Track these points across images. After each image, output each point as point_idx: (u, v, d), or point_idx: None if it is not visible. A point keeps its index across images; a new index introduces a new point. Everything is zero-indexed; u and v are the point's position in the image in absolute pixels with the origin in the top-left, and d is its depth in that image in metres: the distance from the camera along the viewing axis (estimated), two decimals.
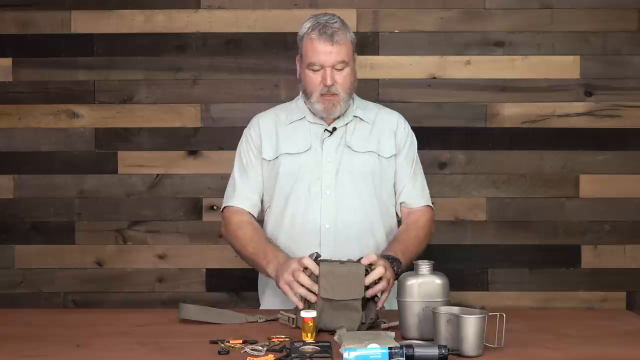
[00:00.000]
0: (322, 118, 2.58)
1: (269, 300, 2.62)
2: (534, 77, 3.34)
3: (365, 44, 3.30)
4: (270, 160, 2.60)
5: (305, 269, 2.20)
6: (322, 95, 2.50)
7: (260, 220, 2.65)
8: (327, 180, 2.54)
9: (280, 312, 2.25)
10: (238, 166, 2.65)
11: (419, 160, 2.68)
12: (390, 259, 2.32)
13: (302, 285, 2.19)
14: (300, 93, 2.64)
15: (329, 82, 2.47)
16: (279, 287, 2.30)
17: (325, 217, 2.53)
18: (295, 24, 2.65)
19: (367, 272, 2.16)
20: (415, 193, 2.63)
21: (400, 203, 2.63)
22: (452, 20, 3.33)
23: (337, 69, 2.48)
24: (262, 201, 2.64)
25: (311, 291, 2.17)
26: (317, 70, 2.49)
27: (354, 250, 2.42)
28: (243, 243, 2.55)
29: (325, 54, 2.47)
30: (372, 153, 2.58)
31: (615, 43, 3.33)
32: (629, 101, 3.33)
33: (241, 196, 2.62)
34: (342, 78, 2.50)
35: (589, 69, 3.33)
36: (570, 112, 3.34)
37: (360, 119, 2.61)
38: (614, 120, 3.34)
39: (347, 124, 2.59)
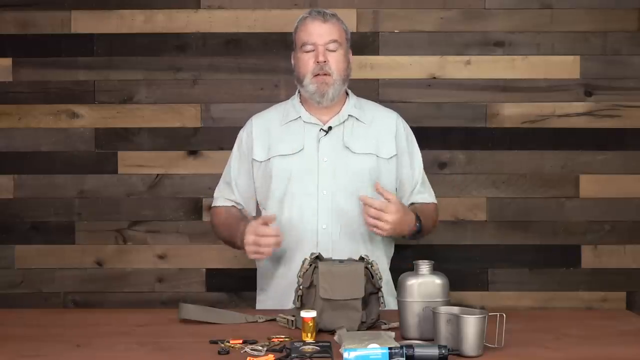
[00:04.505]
0: (314, 116, 2.57)
1: (265, 301, 2.62)
2: (534, 77, 3.34)
3: (365, 44, 3.30)
4: (262, 162, 2.60)
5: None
6: (315, 76, 2.52)
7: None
8: (323, 180, 2.54)
9: (279, 315, 2.25)
10: (227, 170, 2.70)
11: (421, 158, 2.69)
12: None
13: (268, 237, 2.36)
14: (297, 92, 2.64)
15: (321, 59, 2.50)
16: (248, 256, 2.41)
17: (322, 217, 2.53)
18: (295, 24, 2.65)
19: (367, 271, 2.16)
20: (427, 193, 2.69)
21: (411, 203, 2.64)
22: (452, 20, 3.33)
23: (329, 50, 2.51)
24: (254, 203, 2.67)
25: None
26: (310, 50, 2.51)
27: (351, 250, 2.41)
28: (219, 230, 2.64)
29: (318, 33, 2.51)
30: (371, 155, 2.58)
31: (615, 43, 3.33)
32: (629, 101, 3.33)
33: (226, 199, 2.67)
34: (334, 60, 2.52)
35: (589, 69, 3.33)
36: (570, 112, 3.34)
37: (357, 118, 2.61)
38: (614, 120, 3.34)
39: (343, 123, 2.59)
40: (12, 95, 3.34)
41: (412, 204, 2.66)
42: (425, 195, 2.68)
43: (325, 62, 2.50)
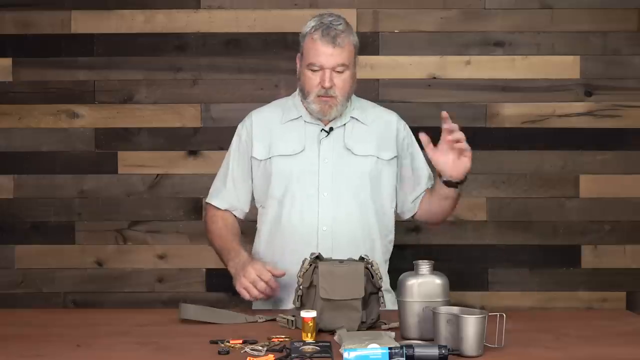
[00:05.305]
0: (318, 118, 2.57)
1: (264, 301, 2.62)
2: (534, 77, 3.34)
3: (365, 44, 3.30)
4: (262, 161, 2.59)
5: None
6: (319, 96, 2.49)
7: (253, 220, 2.66)
8: (323, 182, 2.53)
9: (279, 315, 2.25)
10: (225, 164, 2.67)
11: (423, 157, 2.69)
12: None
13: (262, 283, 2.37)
14: (297, 91, 2.63)
15: (327, 84, 2.46)
16: (236, 285, 2.42)
17: (323, 219, 2.52)
18: (295, 24, 2.65)
19: (367, 271, 2.16)
20: None
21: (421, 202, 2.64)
22: (452, 20, 3.33)
23: (336, 72, 2.47)
24: (251, 199, 2.66)
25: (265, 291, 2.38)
26: (317, 70, 2.48)
27: (351, 252, 2.40)
28: (212, 238, 2.63)
29: (326, 55, 2.46)
30: (372, 157, 2.57)
31: (615, 43, 3.33)
32: (629, 101, 3.34)
33: (222, 198, 2.65)
34: (341, 81, 2.48)
35: (589, 69, 3.33)
36: (570, 112, 3.34)
37: (357, 119, 2.60)
38: (614, 120, 3.34)
39: (344, 125, 2.58)
40: (12, 95, 3.34)
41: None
42: None
43: (330, 87, 2.47)
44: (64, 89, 3.34)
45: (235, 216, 2.65)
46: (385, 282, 2.58)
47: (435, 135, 3.28)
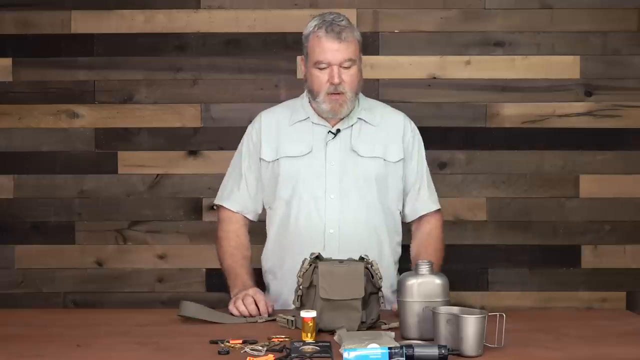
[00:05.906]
0: (326, 119, 2.57)
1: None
2: (534, 77, 3.34)
3: (365, 44, 3.27)
4: (270, 162, 2.59)
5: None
6: (328, 94, 2.49)
7: (262, 220, 2.66)
8: (331, 184, 2.53)
9: (279, 315, 2.25)
10: (235, 165, 2.66)
11: (426, 162, 2.68)
12: None
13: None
14: (305, 92, 2.62)
15: (336, 80, 2.46)
16: (230, 303, 2.40)
17: (330, 221, 2.52)
18: (295, 24, 2.65)
19: (367, 271, 2.16)
20: (428, 198, 2.65)
21: (411, 209, 2.64)
22: (452, 20, 3.33)
23: (344, 67, 2.47)
24: (261, 200, 2.64)
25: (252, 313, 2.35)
26: (324, 68, 2.47)
27: (358, 254, 2.40)
28: (223, 255, 2.61)
29: (333, 51, 2.46)
30: (378, 159, 2.56)
31: (615, 43, 3.33)
32: (629, 101, 3.33)
33: (235, 199, 2.63)
34: (349, 77, 2.48)
35: (589, 69, 3.33)
36: (570, 112, 3.34)
37: (365, 121, 2.59)
38: (614, 120, 3.34)
39: (352, 126, 2.58)
40: (12, 95, 3.34)
41: (414, 210, 2.65)
42: (429, 203, 2.65)
43: (339, 83, 2.47)
44: (64, 89, 3.34)
45: (247, 220, 2.65)
46: (394, 285, 2.57)
47: (435, 135, 3.30)
